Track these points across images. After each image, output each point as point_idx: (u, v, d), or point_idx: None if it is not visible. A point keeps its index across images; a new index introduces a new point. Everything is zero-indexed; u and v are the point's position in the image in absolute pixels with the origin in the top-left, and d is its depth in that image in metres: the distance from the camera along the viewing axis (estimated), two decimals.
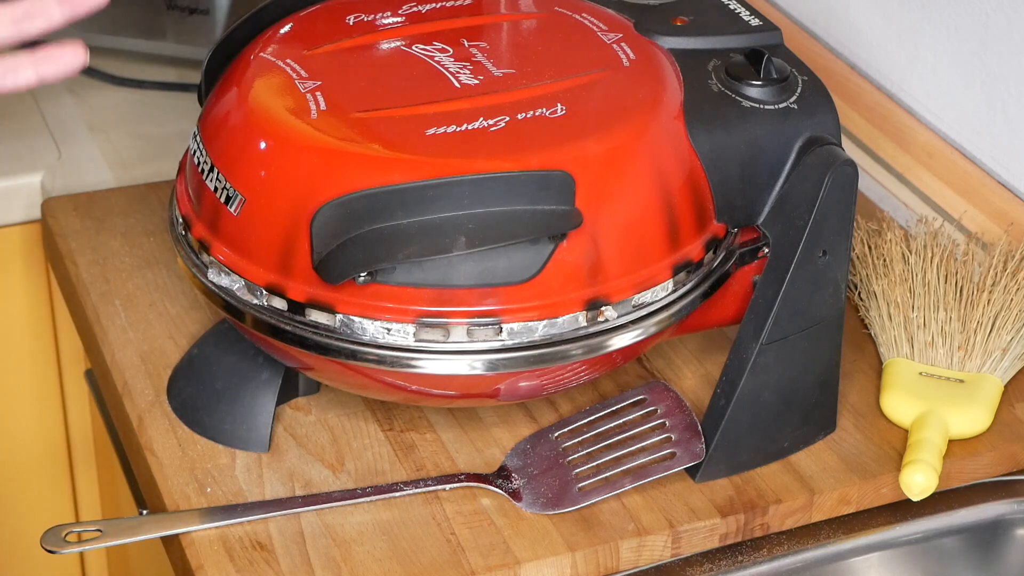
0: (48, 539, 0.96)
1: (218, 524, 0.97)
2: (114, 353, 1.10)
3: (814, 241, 0.98)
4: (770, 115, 1.00)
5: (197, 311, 1.14)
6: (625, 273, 0.96)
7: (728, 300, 1.05)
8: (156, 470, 1.02)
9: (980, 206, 1.21)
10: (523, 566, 0.96)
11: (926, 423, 1.04)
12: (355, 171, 0.93)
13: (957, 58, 1.23)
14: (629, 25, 1.07)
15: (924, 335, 1.09)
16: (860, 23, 1.33)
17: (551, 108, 0.97)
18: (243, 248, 0.97)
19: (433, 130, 0.95)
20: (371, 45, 1.04)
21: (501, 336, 0.95)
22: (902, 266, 1.13)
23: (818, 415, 1.05)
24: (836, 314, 1.02)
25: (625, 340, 0.98)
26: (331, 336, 0.95)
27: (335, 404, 1.07)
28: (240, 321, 0.98)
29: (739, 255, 1.04)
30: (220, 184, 0.98)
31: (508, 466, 1.02)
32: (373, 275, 0.93)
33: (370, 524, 0.98)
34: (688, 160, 0.99)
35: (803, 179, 0.99)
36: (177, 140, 1.33)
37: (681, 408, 1.03)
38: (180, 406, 1.06)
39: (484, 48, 1.03)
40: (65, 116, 1.37)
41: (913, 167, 1.28)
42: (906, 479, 1.00)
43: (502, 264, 0.94)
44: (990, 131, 1.21)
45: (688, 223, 0.99)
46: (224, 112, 1.00)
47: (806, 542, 1.02)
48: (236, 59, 1.04)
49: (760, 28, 1.06)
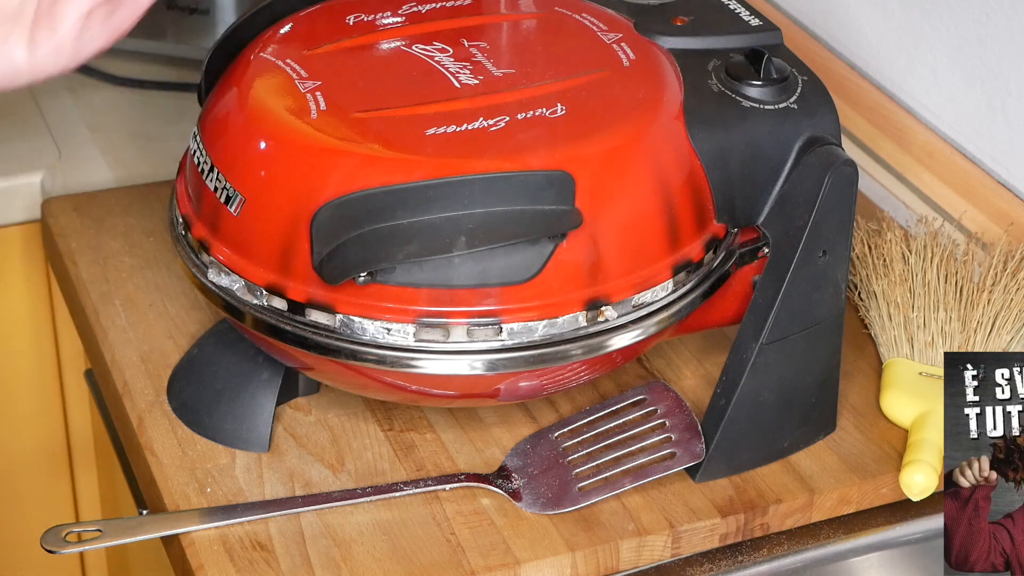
0: (48, 539, 0.96)
1: (218, 524, 0.97)
2: (114, 353, 1.10)
3: (814, 241, 0.98)
4: (770, 115, 1.00)
5: (197, 311, 1.14)
6: (625, 273, 0.96)
7: (728, 300, 1.05)
8: (156, 470, 1.02)
9: (980, 206, 1.22)
10: (523, 566, 0.96)
11: (926, 423, 1.03)
12: (355, 171, 0.93)
13: (957, 58, 1.23)
14: (629, 25, 1.07)
15: (924, 335, 1.09)
16: (860, 23, 1.33)
17: (551, 108, 0.97)
18: (243, 248, 0.97)
19: (433, 130, 0.95)
20: (371, 45, 1.04)
21: (501, 336, 0.95)
22: (902, 266, 1.13)
23: (818, 415, 1.05)
24: (836, 314, 1.02)
25: (625, 340, 0.98)
26: (331, 336, 0.95)
27: (335, 404, 1.07)
28: (240, 321, 0.98)
29: (739, 255, 1.04)
30: (220, 184, 0.98)
31: (508, 466, 1.02)
32: (373, 275, 0.93)
33: (370, 524, 0.98)
34: (688, 160, 0.99)
35: (803, 179, 0.99)
36: (177, 140, 1.33)
37: (681, 408, 1.03)
38: (180, 406, 1.06)
39: (484, 48, 1.03)
40: (65, 116, 1.37)
41: (913, 167, 1.28)
42: (906, 479, 1.00)
43: (502, 264, 0.93)
44: (990, 131, 1.21)
45: (688, 223, 0.99)
46: (224, 112, 1.00)
47: (806, 542, 1.02)
48: (236, 59, 1.04)
49: (760, 28, 1.06)
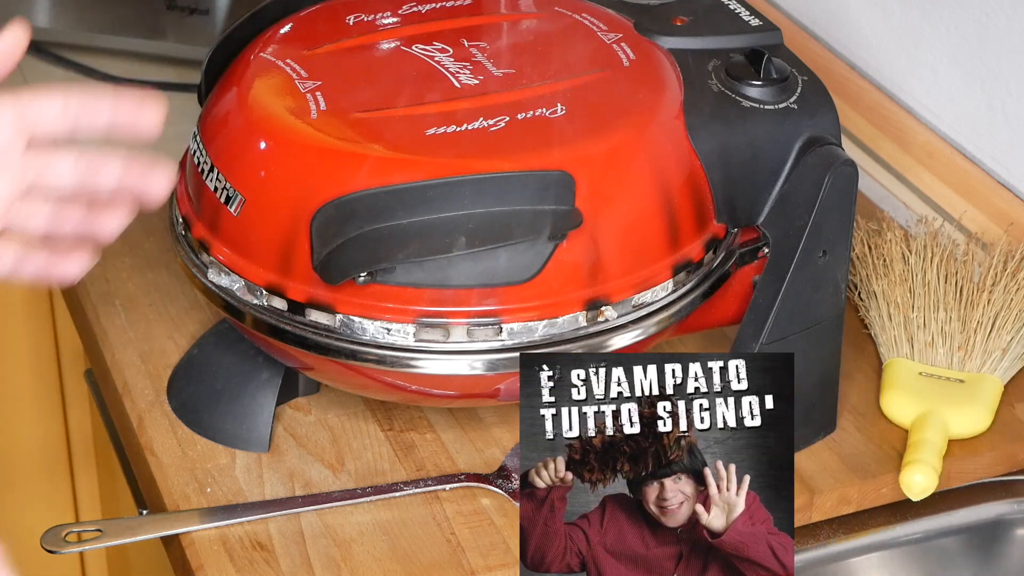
0: (48, 539, 0.96)
1: (218, 524, 0.97)
2: (114, 353, 1.10)
3: (814, 241, 0.98)
4: (770, 115, 1.00)
5: (197, 311, 1.14)
6: (625, 273, 0.96)
7: (728, 300, 1.05)
8: (156, 470, 1.02)
9: (980, 206, 1.21)
10: None
11: (926, 423, 1.04)
12: (355, 171, 0.93)
13: (957, 58, 1.23)
14: (629, 25, 1.07)
15: (924, 335, 1.09)
16: (860, 23, 1.33)
17: (551, 108, 0.97)
18: (243, 248, 0.97)
19: (433, 130, 0.95)
20: (371, 45, 1.04)
21: (501, 336, 0.95)
22: (902, 266, 1.13)
23: (818, 415, 1.05)
24: (836, 314, 1.02)
25: (625, 340, 0.98)
26: (331, 336, 0.95)
27: (335, 404, 1.07)
28: (240, 321, 0.98)
29: (739, 255, 1.04)
30: (220, 184, 0.98)
31: (508, 466, 1.02)
32: (373, 275, 0.92)
33: (370, 524, 0.98)
34: (688, 160, 0.99)
35: (803, 179, 0.99)
36: (177, 140, 1.33)
37: None
38: (180, 406, 1.06)
39: (484, 48, 1.03)
40: None
41: (913, 167, 1.28)
42: (906, 479, 1.00)
43: (502, 264, 0.93)
44: (990, 131, 1.21)
45: (688, 223, 0.99)
46: (224, 112, 1.00)
47: (806, 542, 1.02)
48: (236, 59, 1.04)
49: (760, 28, 1.06)
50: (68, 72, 1.43)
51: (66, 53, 1.44)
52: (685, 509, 0.87)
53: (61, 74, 1.42)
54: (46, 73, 1.42)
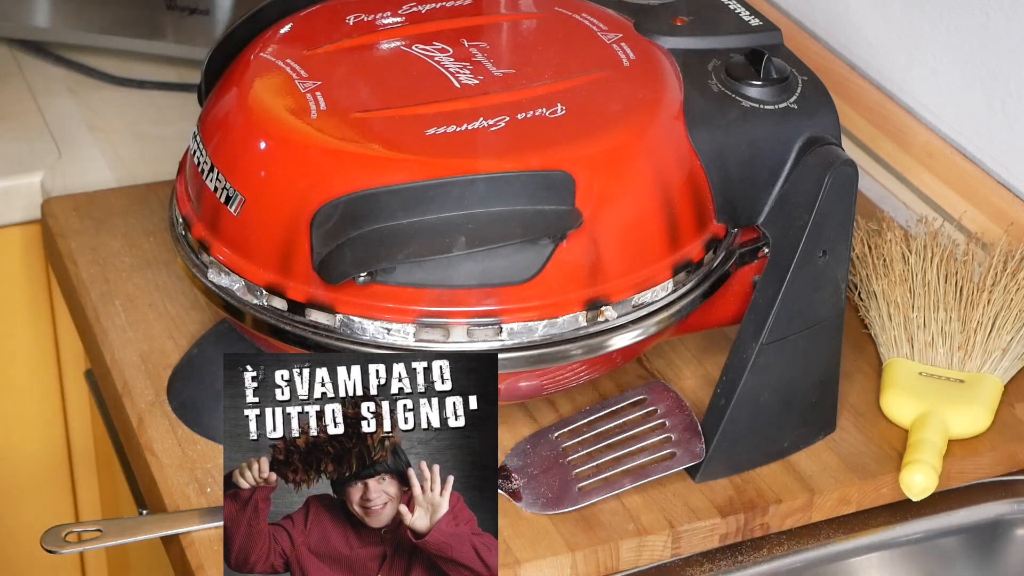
0: (48, 539, 0.96)
1: (218, 524, 0.97)
2: (114, 353, 1.10)
3: (814, 241, 0.98)
4: (770, 115, 1.00)
5: (197, 311, 1.14)
6: (625, 273, 0.96)
7: (728, 300, 1.05)
8: (156, 470, 1.02)
9: (980, 206, 1.22)
10: (523, 566, 0.96)
11: (926, 423, 1.04)
12: (355, 171, 0.93)
13: (957, 58, 1.23)
14: (629, 25, 1.07)
15: (924, 335, 1.09)
16: (860, 23, 1.33)
17: (551, 108, 0.97)
18: (243, 248, 0.97)
19: (433, 130, 0.95)
20: (371, 45, 1.04)
21: (501, 336, 0.95)
22: (902, 266, 1.13)
23: (818, 415, 1.05)
24: (836, 314, 1.02)
25: (625, 340, 0.98)
26: (331, 336, 0.95)
27: None
28: (240, 321, 0.98)
29: (739, 255, 1.04)
30: (220, 184, 0.98)
31: (508, 466, 1.02)
32: (373, 275, 0.93)
33: None
34: (688, 160, 0.99)
35: (803, 179, 0.99)
36: (177, 140, 1.33)
37: (681, 408, 1.03)
38: (180, 406, 1.06)
39: (484, 48, 1.03)
40: (65, 116, 1.37)
41: (913, 167, 1.28)
42: (906, 479, 1.00)
43: (502, 264, 0.93)
44: (990, 131, 1.21)
45: (688, 223, 0.99)
46: (224, 112, 1.00)
47: (806, 542, 1.02)
48: (236, 59, 1.04)
49: (760, 28, 1.06)
50: (68, 72, 1.43)
51: (66, 53, 1.44)
52: (389, 510, 0.88)
53: (61, 74, 1.43)
54: (46, 73, 1.42)
